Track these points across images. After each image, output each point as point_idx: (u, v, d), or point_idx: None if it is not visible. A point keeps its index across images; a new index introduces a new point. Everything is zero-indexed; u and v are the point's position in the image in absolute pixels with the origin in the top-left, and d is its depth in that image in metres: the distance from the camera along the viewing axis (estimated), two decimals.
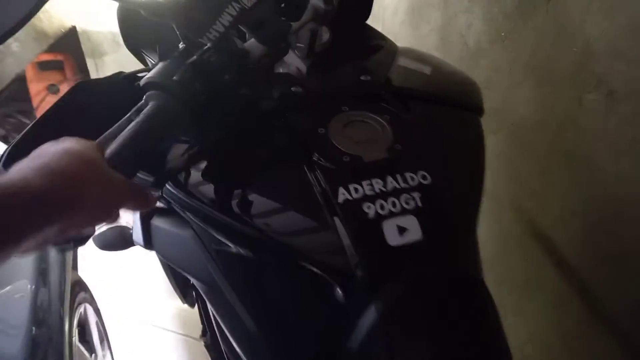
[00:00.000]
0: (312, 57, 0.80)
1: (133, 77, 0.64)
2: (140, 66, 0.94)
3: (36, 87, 2.86)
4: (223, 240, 0.61)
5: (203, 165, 0.63)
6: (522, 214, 1.15)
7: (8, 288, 0.99)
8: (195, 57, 0.54)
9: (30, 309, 0.99)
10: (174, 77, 0.52)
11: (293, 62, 0.81)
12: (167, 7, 0.53)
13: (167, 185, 0.65)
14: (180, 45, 0.57)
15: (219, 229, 0.61)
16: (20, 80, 2.92)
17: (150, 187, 0.64)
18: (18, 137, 0.55)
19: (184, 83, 0.53)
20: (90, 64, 2.70)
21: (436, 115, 0.71)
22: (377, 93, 0.68)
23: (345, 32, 0.83)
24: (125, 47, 0.92)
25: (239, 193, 0.60)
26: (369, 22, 0.87)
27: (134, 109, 0.55)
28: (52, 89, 2.86)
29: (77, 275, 1.45)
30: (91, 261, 1.89)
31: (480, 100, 0.77)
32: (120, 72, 0.64)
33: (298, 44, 0.78)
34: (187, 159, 0.62)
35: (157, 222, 0.72)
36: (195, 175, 0.63)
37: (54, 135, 0.47)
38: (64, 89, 2.86)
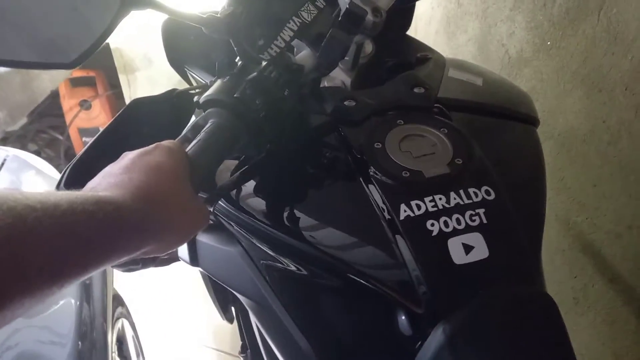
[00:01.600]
0: (357, 70, 0.79)
1: (186, 94, 0.64)
2: (181, 82, 0.95)
3: (69, 103, 2.93)
4: (275, 256, 0.59)
5: (256, 179, 0.62)
6: (569, 228, 1.11)
7: (56, 306, 1.00)
8: (255, 73, 0.54)
9: (75, 324, 1.00)
10: (235, 95, 0.52)
11: (337, 75, 0.80)
12: (227, 23, 0.52)
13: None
14: (238, 62, 0.56)
15: (271, 245, 0.59)
16: (53, 97, 3.00)
17: (204, 203, 0.63)
18: (79, 155, 0.55)
19: (244, 100, 0.52)
20: (122, 79, 2.76)
21: (493, 127, 0.69)
22: (432, 106, 0.66)
23: (387, 43, 0.82)
24: (156, 63, 0.93)
25: (293, 208, 0.59)
26: None
27: (190, 125, 0.55)
28: (85, 104, 2.92)
29: (115, 289, 1.46)
30: (123, 275, 1.90)
31: (534, 110, 0.76)
32: (174, 90, 0.64)
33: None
34: (241, 175, 0.61)
35: (203, 238, 0.72)
36: (247, 190, 0.62)
37: (114, 152, 0.46)
38: (96, 104, 2.92)
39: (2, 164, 1.23)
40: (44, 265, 0.29)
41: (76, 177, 0.54)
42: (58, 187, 0.52)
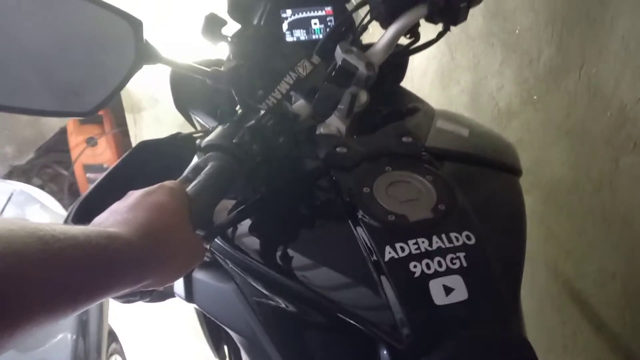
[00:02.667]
0: (351, 118, 0.84)
1: (189, 138, 0.68)
2: (185, 123, 1.00)
3: (76, 140, 2.99)
4: (267, 293, 0.62)
5: (251, 219, 0.65)
6: (557, 275, 1.13)
7: (54, 340, 1.01)
8: (254, 121, 0.58)
9: (71, 358, 1.01)
10: (234, 140, 0.56)
11: (333, 122, 0.85)
12: (230, 76, 0.57)
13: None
14: (238, 110, 0.61)
15: (264, 283, 0.62)
16: (60, 133, 3.07)
17: (200, 240, 0.66)
18: (87, 191, 0.58)
19: (243, 145, 0.56)
20: (129, 118, 2.85)
21: (476, 176, 0.72)
22: (419, 154, 0.70)
23: (381, 93, 0.87)
24: (162, 103, 0.97)
25: (286, 248, 0.62)
26: None
27: (192, 167, 0.59)
28: (91, 141, 2.99)
29: (109, 325, 1.46)
30: (117, 311, 1.90)
31: (517, 161, 0.79)
32: (178, 133, 0.68)
33: (338, 106, 0.82)
34: (237, 214, 0.64)
35: (199, 275, 0.74)
36: (243, 229, 0.65)
37: (120, 190, 0.50)
38: (102, 141, 2.99)
39: (9, 198, 1.27)
40: (63, 287, 0.33)
41: (83, 212, 0.58)
42: (66, 221, 0.56)
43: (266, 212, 0.65)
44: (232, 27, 0.62)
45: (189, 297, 0.76)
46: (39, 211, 1.38)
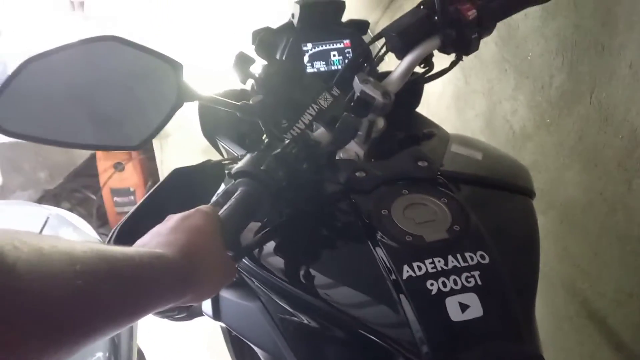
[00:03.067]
0: (369, 144, 0.88)
1: (218, 165, 0.73)
2: (208, 147, 1.05)
3: (104, 165, 3.10)
4: (291, 311, 0.65)
5: (276, 240, 0.69)
6: (575, 295, 1.14)
7: (91, 359, 1.05)
8: (279, 150, 0.63)
9: None
10: (261, 167, 0.61)
11: (352, 148, 0.89)
12: (257, 109, 0.62)
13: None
14: (264, 139, 0.66)
15: (288, 300, 0.65)
16: (89, 158, 3.18)
17: (231, 260, 0.70)
18: (127, 215, 0.64)
19: (269, 172, 0.61)
20: (155, 143, 2.94)
21: (490, 198, 0.75)
22: (434, 178, 0.74)
23: (398, 119, 0.91)
24: (185, 128, 1.03)
25: (309, 268, 0.65)
26: None
27: (222, 192, 0.63)
28: (119, 167, 3.09)
29: (137, 344, 1.50)
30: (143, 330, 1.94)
31: (530, 183, 0.81)
32: (209, 160, 0.73)
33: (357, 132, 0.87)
34: (264, 236, 0.69)
35: (226, 293, 0.78)
36: (268, 250, 0.69)
37: (157, 214, 0.55)
38: (129, 166, 3.08)
39: (46, 222, 1.35)
40: (123, 302, 0.38)
41: (124, 235, 0.63)
42: (109, 242, 0.61)
43: (290, 233, 0.69)
44: (258, 62, 0.68)
45: (217, 315, 0.79)
46: (72, 234, 1.44)
